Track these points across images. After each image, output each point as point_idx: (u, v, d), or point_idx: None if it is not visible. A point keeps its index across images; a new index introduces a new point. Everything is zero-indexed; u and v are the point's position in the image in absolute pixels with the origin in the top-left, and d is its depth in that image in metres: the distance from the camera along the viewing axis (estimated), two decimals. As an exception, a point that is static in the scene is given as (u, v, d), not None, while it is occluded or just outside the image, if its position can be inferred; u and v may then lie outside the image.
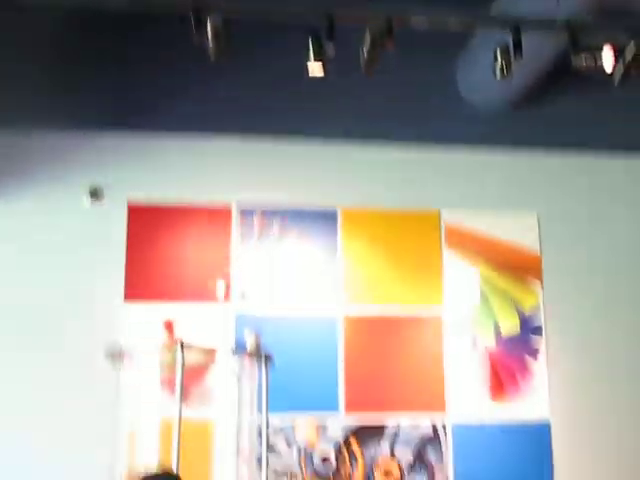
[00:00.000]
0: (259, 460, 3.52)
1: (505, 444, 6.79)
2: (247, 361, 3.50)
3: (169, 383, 3.29)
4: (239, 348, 3.53)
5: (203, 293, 6.72)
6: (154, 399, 3.41)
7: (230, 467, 3.49)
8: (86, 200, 6.78)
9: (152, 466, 2.68)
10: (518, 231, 7.27)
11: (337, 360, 6.76)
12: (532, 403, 6.92)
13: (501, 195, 7.31)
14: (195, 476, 3.40)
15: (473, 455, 6.73)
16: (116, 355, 3.37)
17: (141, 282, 6.72)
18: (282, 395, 6.23)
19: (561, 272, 7.22)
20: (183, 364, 3.20)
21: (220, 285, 6.67)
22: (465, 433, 6.79)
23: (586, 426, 6.92)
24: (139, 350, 3.34)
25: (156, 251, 6.79)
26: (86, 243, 6.72)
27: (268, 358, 3.50)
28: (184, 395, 3.19)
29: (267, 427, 3.50)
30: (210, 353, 3.41)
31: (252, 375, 3.50)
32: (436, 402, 6.82)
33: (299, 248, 6.98)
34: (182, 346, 3.25)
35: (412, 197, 7.18)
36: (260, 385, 3.50)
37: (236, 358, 3.52)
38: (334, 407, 6.68)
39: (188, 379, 3.31)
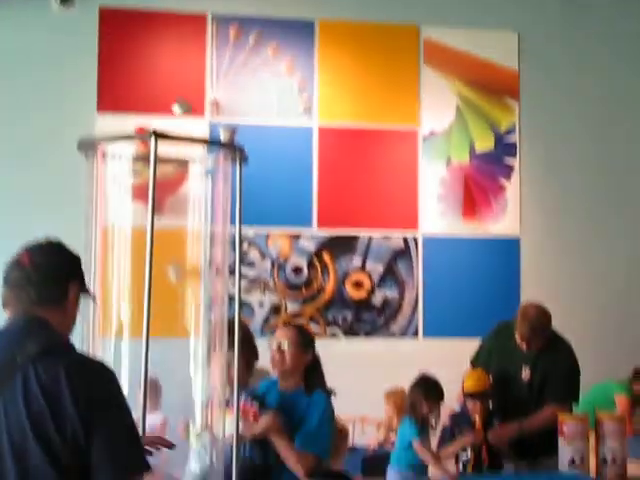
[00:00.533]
0: (232, 270, 3.54)
1: (475, 258, 6.92)
2: (221, 158, 3.42)
3: (141, 192, 3.25)
4: (212, 145, 3.44)
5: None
6: (126, 205, 3.39)
7: (203, 277, 3.51)
8: (55, 5, 6.53)
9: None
10: (498, 49, 7.15)
11: (311, 173, 6.77)
12: (503, 221, 7.01)
13: (482, 12, 7.14)
14: (168, 288, 3.43)
15: (443, 268, 6.87)
16: (89, 147, 3.29)
17: (114, 92, 6.60)
18: (256, 208, 6.26)
19: (538, 92, 7.16)
20: (156, 156, 3.11)
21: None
22: (436, 246, 6.90)
23: (554, 243, 7.06)
24: (111, 152, 3.27)
25: (129, 60, 6.63)
26: (55, 52, 6.54)
27: (242, 153, 3.42)
28: (157, 205, 3.17)
29: (240, 234, 3.49)
30: (184, 142, 3.32)
31: (226, 175, 3.45)
32: (408, 219, 6.89)
33: (275, 60, 6.84)
34: (156, 135, 3.15)
35: (392, 11, 7.00)
36: (234, 186, 3.46)
37: (210, 156, 3.45)
38: (307, 221, 6.74)
39: (161, 189, 3.27)
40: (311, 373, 3.93)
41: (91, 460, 2.11)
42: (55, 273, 2.37)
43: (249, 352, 4.32)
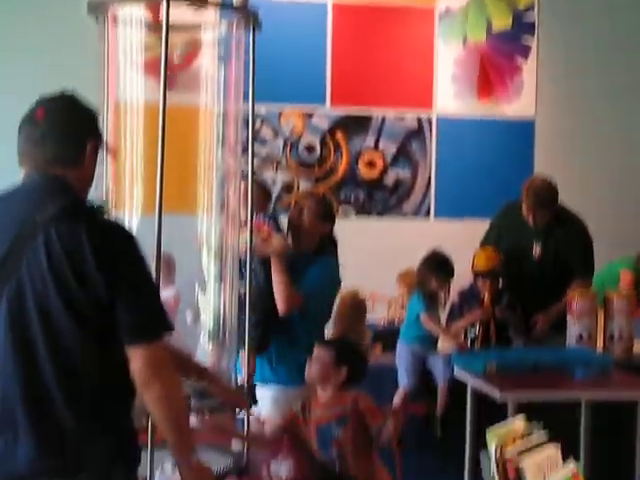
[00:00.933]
0: (244, 148, 3.52)
1: (489, 139, 6.87)
2: (234, 25, 3.33)
3: (153, 67, 3.20)
4: (225, 9, 3.34)
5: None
6: (137, 78, 3.34)
7: (214, 156, 3.49)
8: None
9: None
10: None
11: (325, 51, 6.66)
12: (518, 102, 6.93)
13: None
14: (179, 164, 3.42)
15: (456, 149, 6.83)
16: (99, 9, 3.21)
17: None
18: (269, 85, 6.17)
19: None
20: (168, 19, 3.01)
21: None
22: (450, 127, 6.84)
23: (569, 125, 6.98)
24: (122, 18, 3.20)
25: None
26: None
27: (256, 18, 3.32)
28: (169, 81, 3.12)
29: (253, 110, 3.46)
30: (196, 4, 3.23)
31: (239, 45, 3.37)
32: (423, 99, 6.81)
33: None
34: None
35: None
36: (247, 61, 3.40)
37: (223, 22, 3.36)
38: (321, 99, 6.68)
39: (173, 64, 3.22)
40: (324, 246, 3.94)
41: (114, 319, 2.14)
42: (71, 129, 2.27)
43: (265, 190, 4.34)
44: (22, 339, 2.12)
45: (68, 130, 2.26)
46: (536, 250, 4.88)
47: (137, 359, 2.14)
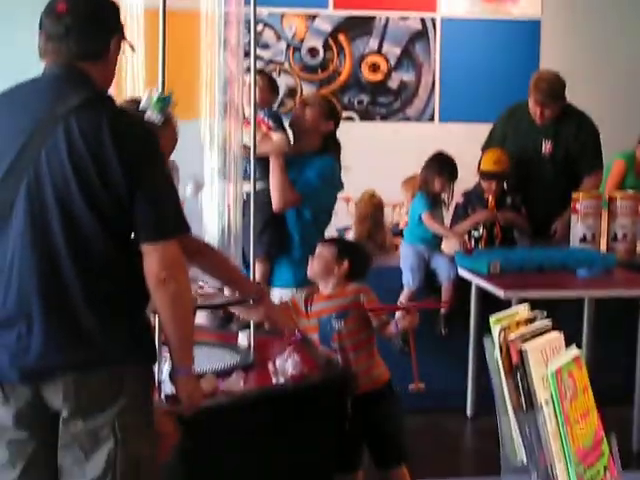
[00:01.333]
0: (247, 53, 3.49)
1: (494, 40, 6.77)
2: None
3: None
4: None
5: None
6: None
7: (217, 60, 3.45)
8: None
9: None
10: None
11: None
12: (524, 1, 6.80)
13: None
14: (181, 69, 3.39)
15: (461, 51, 6.73)
16: None
17: None
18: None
19: None
20: None
21: None
22: (455, 28, 6.72)
23: (576, 25, 6.87)
24: None
25: None
26: None
27: None
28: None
29: (255, 14, 3.41)
30: None
31: None
32: (427, 0, 6.70)
33: None
34: None
35: None
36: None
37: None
38: (323, 1, 6.57)
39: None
40: (327, 147, 3.92)
41: (133, 216, 2.11)
42: (96, 22, 2.21)
43: (271, 81, 4.27)
44: (42, 233, 2.10)
45: (93, 23, 2.20)
46: (546, 147, 4.84)
47: (152, 257, 2.12)
